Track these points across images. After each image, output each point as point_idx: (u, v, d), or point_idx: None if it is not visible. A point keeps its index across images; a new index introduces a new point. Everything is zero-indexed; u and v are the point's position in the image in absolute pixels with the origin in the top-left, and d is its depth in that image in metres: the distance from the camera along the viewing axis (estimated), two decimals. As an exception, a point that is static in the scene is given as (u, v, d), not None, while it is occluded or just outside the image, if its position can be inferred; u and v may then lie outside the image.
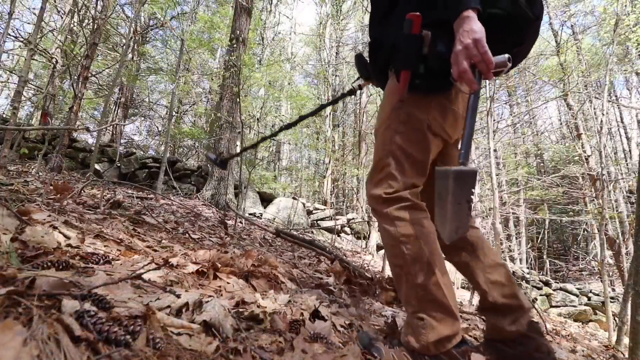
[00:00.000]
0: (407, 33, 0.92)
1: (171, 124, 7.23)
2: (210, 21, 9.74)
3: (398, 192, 0.99)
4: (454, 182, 0.84)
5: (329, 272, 2.20)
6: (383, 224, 1.01)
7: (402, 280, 0.98)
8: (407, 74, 0.94)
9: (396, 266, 0.99)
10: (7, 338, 0.45)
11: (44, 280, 0.67)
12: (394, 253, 0.99)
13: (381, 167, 1.02)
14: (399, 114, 1.01)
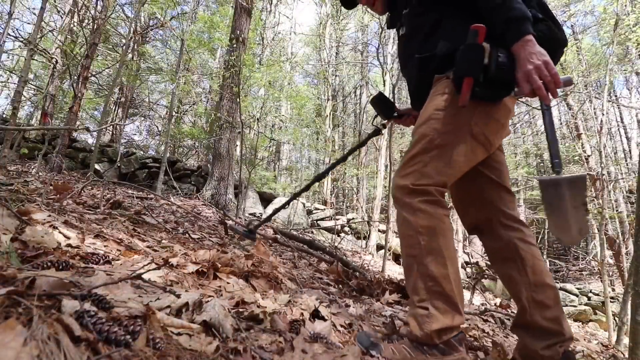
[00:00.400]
0: (473, 43, 0.98)
1: (171, 124, 7.23)
2: (210, 21, 9.73)
3: (425, 186, 1.02)
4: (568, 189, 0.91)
5: (329, 272, 2.20)
6: (404, 213, 1.03)
7: (413, 269, 0.99)
8: (470, 81, 0.98)
9: (409, 256, 1.01)
10: (7, 338, 0.45)
11: (44, 280, 0.67)
12: (410, 243, 1.01)
13: (415, 162, 1.05)
14: (443, 116, 1.05)
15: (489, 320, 2.32)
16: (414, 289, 0.99)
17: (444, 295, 0.95)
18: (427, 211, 1.00)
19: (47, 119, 7.38)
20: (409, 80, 1.29)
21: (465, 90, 0.98)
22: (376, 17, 10.37)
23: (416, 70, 1.18)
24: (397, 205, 1.07)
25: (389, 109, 1.50)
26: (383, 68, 7.90)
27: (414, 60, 1.17)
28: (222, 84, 6.74)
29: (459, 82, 1.00)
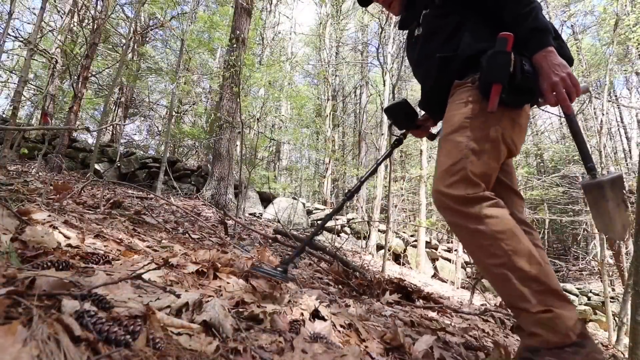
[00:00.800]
0: (502, 50, 1.00)
1: (171, 124, 7.23)
2: (210, 21, 9.73)
3: (480, 192, 1.01)
4: (610, 189, 0.95)
5: (329, 272, 2.20)
6: (471, 225, 0.99)
7: (509, 278, 0.93)
8: (498, 88, 1.00)
9: (496, 266, 0.95)
10: (7, 340, 0.45)
11: (44, 280, 0.67)
12: (492, 252, 0.96)
13: (456, 170, 1.04)
14: (474, 123, 1.06)
15: (489, 320, 2.33)
16: (520, 298, 0.93)
17: (553, 291, 0.92)
18: (494, 215, 0.98)
19: (47, 119, 7.38)
20: (424, 81, 1.30)
21: (494, 96, 1.01)
22: (376, 17, 10.37)
23: (435, 70, 1.19)
24: (455, 218, 1.03)
25: (411, 118, 1.48)
26: (383, 68, 7.90)
27: (434, 60, 1.18)
28: (222, 84, 6.75)
29: (487, 88, 1.03)
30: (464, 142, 1.06)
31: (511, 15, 1.05)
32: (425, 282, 6.11)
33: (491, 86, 1.02)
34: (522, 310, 0.93)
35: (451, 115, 1.13)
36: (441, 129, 1.70)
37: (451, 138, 1.09)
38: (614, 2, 6.56)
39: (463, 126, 1.07)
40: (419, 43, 1.29)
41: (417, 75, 1.36)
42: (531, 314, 0.91)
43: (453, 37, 1.17)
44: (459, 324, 1.79)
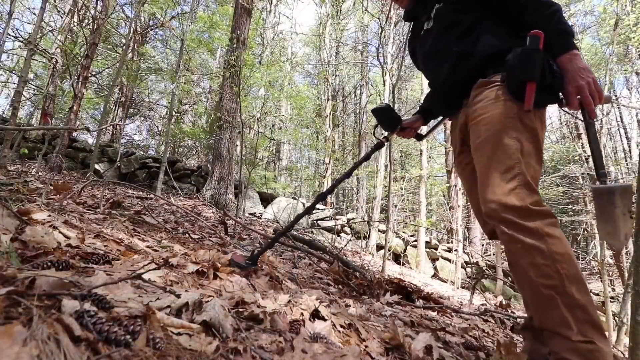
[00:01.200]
0: (535, 48, 0.98)
1: (171, 124, 7.23)
2: (210, 21, 9.74)
3: (543, 206, 0.97)
4: (620, 196, 0.94)
5: (329, 272, 2.20)
6: (529, 240, 0.93)
7: (557, 302, 0.90)
8: (533, 86, 0.98)
9: (546, 287, 0.92)
10: (7, 341, 0.45)
11: (44, 280, 0.67)
12: (546, 273, 0.92)
13: (512, 177, 0.98)
14: (516, 124, 1.02)
15: (489, 320, 2.33)
16: (563, 323, 0.90)
17: (594, 324, 0.90)
18: (556, 235, 0.94)
19: (47, 119, 7.39)
20: (435, 76, 1.26)
21: (530, 94, 0.99)
22: (376, 17, 10.36)
23: (450, 66, 1.15)
24: (513, 230, 0.96)
25: (394, 122, 1.49)
26: (383, 68, 7.90)
27: (448, 55, 1.15)
28: (222, 84, 6.75)
29: (519, 86, 1.00)
30: (513, 145, 1.00)
31: (534, 17, 1.03)
32: (425, 282, 6.11)
33: (524, 84, 0.99)
34: (561, 336, 0.90)
35: (487, 116, 1.05)
36: (431, 129, 1.70)
37: (495, 140, 1.02)
38: (614, 2, 6.56)
39: (507, 126, 1.02)
40: (430, 37, 1.25)
41: (427, 70, 1.32)
42: (570, 342, 0.89)
43: (469, 34, 1.14)
44: (459, 324, 1.79)
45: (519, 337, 2.00)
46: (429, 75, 1.32)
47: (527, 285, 0.96)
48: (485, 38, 1.11)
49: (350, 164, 14.63)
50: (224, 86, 6.42)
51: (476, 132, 1.09)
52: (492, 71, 1.08)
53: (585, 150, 9.88)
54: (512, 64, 1.02)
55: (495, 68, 1.08)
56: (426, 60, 1.31)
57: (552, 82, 1.00)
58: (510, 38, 1.08)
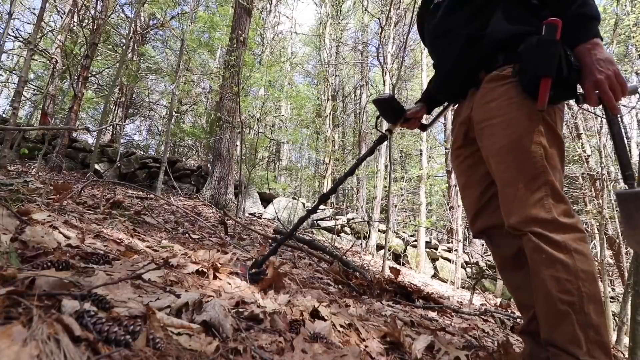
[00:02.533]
0: (552, 39, 0.88)
1: (171, 124, 7.23)
2: (210, 21, 9.74)
3: (573, 216, 0.92)
4: None
5: (329, 272, 2.20)
6: (555, 252, 0.89)
7: (571, 319, 0.87)
8: (548, 82, 0.89)
9: (565, 303, 0.88)
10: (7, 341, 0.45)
11: (44, 280, 0.67)
12: (566, 289, 0.88)
13: (538, 186, 0.92)
14: (538, 127, 0.94)
15: (489, 320, 2.33)
16: (573, 340, 0.87)
17: (604, 346, 0.87)
18: (584, 252, 0.90)
19: (47, 119, 7.39)
20: (441, 60, 1.16)
21: (544, 91, 0.89)
22: (376, 17, 10.36)
23: (457, 50, 1.06)
24: (539, 240, 0.91)
25: (398, 113, 1.40)
26: (383, 68, 7.91)
27: (457, 36, 1.05)
28: (222, 84, 6.75)
29: (533, 82, 0.91)
30: (537, 152, 0.93)
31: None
32: (425, 282, 6.11)
33: (538, 80, 0.90)
34: (568, 354, 0.87)
35: (505, 119, 0.96)
36: (435, 118, 1.56)
37: (518, 147, 0.94)
38: (614, 2, 6.56)
39: (529, 131, 0.94)
40: (437, 13, 1.14)
41: (433, 49, 1.22)
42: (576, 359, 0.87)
43: (480, 12, 1.04)
44: (459, 324, 1.79)
45: (518, 338, 2.00)
46: (434, 55, 1.23)
47: (544, 297, 0.92)
48: (497, 19, 1.00)
49: (351, 164, 14.61)
50: (224, 86, 6.42)
51: (493, 136, 0.99)
52: (503, 59, 0.99)
53: (585, 150, 9.88)
54: (526, 56, 0.93)
55: (507, 55, 0.98)
56: (433, 38, 1.19)
57: (569, 76, 0.90)
58: (527, 20, 0.98)
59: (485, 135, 1.01)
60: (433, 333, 1.35)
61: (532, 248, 0.92)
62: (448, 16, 1.10)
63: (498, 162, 0.98)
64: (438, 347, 1.13)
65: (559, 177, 0.95)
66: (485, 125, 1.01)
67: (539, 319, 0.95)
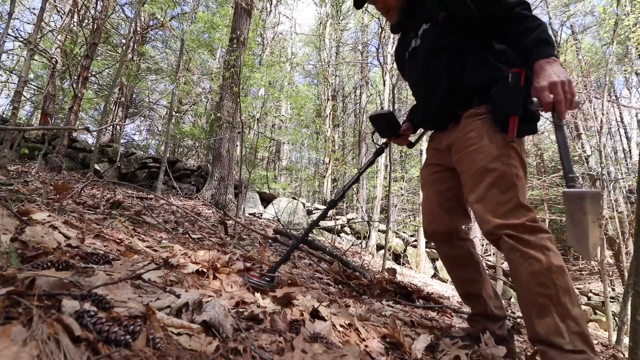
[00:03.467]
0: (517, 84, 1.08)
1: (171, 124, 7.23)
2: (210, 21, 9.74)
3: (538, 222, 1.05)
4: (590, 203, 0.93)
5: (329, 272, 2.20)
6: (530, 251, 1.01)
7: (551, 311, 0.97)
8: (516, 119, 1.08)
9: (543, 295, 0.98)
10: (7, 341, 0.45)
11: (44, 280, 0.67)
12: (542, 282, 0.98)
13: (508, 199, 1.07)
14: (509, 152, 1.11)
15: (489, 320, 2.32)
16: (556, 333, 0.95)
17: (584, 336, 0.94)
18: (554, 250, 1.02)
19: (47, 119, 7.38)
20: (427, 100, 1.31)
21: (513, 126, 1.08)
22: (376, 17, 10.36)
23: (441, 94, 1.23)
24: (515, 242, 1.03)
25: (394, 128, 1.53)
26: (383, 68, 7.91)
27: (440, 81, 1.23)
28: (222, 84, 6.74)
29: (504, 119, 1.09)
30: (508, 171, 1.09)
31: (520, 28, 1.08)
32: (425, 282, 6.11)
33: (508, 117, 1.08)
34: (554, 346, 0.94)
35: (480, 146, 1.14)
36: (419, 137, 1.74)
37: (493, 167, 1.11)
38: (613, 2, 6.56)
39: (502, 154, 1.11)
40: (419, 57, 1.31)
41: (417, 92, 1.38)
42: (563, 352, 0.93)
43: (456, 59, 1.22)
44: (459, 324, 1.79)
45: (518, 338, 2.00)
46: (418, 96, 1.39)
47: (524, 293, 1.03)
48: (471, 67, 1.18)
49: (351, 164, 14.62)
50: (224, 86, 6.42)
51: (470, 161, 1.16)
52: (478, 101, 1.18)
53: (585, 151, 9.88)
54: (497, 98, 1.11)
55: (480, 97, 1.17)
56: (416, 82, 1.37)
57: (532, 115, 1.11)
58: (495, 66, 1.17)
59: (465, 160, 1.18)
60: (432, 332, 1.36)
61: (508, 249, 1.05)
62: (428, 63, 1.27)
63: (475, 182, 1.14)
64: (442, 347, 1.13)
65: (525, 192, 1.11)
66: (464, 153, 1.19)
67: (524, 317, 1.05)
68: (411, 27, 1.38)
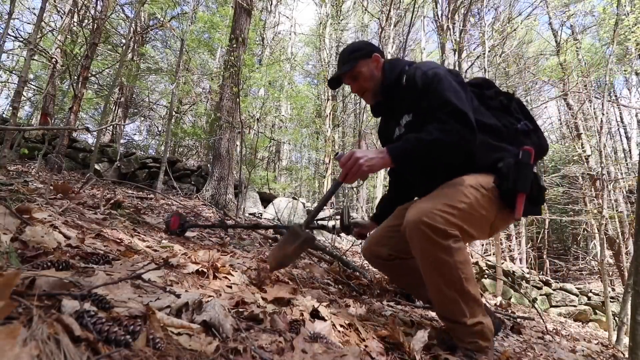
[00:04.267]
0: (528, 162, 1.16)
1: (171, 124, 7.23)
2: (210, 21, 9.73)
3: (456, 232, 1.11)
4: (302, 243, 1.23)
5: (329, 272, 2.20)
6: (441, 255, 1.09)
7: (457, 300, 1.11)
8: (524, 197, 1.14)
9: (450, 290, 1.11)
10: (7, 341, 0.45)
11: (44, 280, 0.67)
12: (450, 280, 1.10)
13: (449, 211, 1.11)
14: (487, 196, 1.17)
15: (489, 320, 2.32)
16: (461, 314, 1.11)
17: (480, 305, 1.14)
18: (459, 248, 1.11)
19: (47, 119, 7.38)
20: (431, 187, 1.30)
21: (521, 204, 1.14)
22: (376, 17, 10.37)
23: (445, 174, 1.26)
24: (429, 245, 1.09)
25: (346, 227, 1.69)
26: (383, 68, 7.90)
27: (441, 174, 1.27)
28: (222, 84, 6.74)
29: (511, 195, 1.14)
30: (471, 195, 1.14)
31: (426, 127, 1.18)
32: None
33: (516, 194, 1.13)
34: (459, 323, 1.11)
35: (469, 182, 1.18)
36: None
37: (459, 185, 1.16)
38: (614, 2, 6.56)
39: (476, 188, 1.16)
40: None
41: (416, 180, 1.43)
42: (467, 327, 1.11)
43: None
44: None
45: (518, 338, 2.00)
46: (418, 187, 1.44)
47: (435, 289, 1.14)
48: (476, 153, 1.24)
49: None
50: (224, 86, 6.41)
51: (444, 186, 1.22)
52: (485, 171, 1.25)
53: (585, 150, 9.87)
54: (505, 172, 1.15)
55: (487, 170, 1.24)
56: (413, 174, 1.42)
57: (538, 196, 1.17)
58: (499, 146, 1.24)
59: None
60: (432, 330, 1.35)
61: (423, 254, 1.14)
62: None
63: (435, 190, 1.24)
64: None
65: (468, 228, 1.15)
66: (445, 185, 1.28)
67: (434, 303, 1.20)
68: (391, 114, 1.42)
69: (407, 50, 12.50)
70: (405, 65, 1.36)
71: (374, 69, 1.39)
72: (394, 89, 1.36)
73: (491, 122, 1.27)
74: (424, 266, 1.14)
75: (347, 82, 1.43)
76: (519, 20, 9.40)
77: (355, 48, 1.41)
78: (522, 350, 1.72)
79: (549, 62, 12.25)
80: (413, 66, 1.32)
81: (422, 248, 1.11)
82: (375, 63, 1.40)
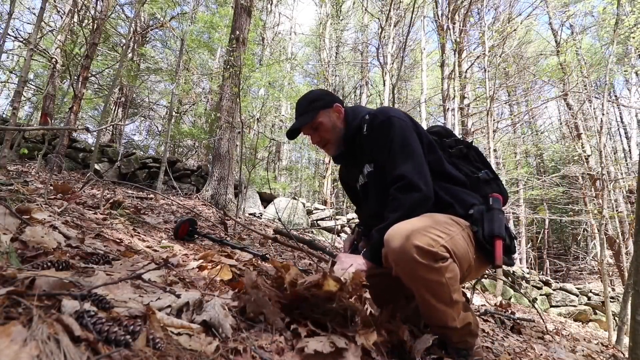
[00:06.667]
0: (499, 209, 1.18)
1: (171, 124, 7.23)
2: (210, 21, 9.73)
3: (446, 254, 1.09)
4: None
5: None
6: (433, 277, 1.06)
7: (447, 311, 1.11)
8: (501, 243, 1.14)
9: (442, 304, 1.10)
10: (7, 341, 0.45)
11: (44, 280, 0.67)
12: (442, 297, 1.09)
13: (436, 235, 1.09)
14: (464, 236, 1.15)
15: (489, 320, 2.32)
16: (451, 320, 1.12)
17: (465, 307, 1.18)
18: (448, 266, 1.08)
19: (47, 119, 7.38)
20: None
21: (500, 251, 1.13)
22: (376, 17, 10.37)
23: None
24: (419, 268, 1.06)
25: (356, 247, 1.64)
26: (383, 68, 7.91)
27: None
28: (222, 84, 6.74)
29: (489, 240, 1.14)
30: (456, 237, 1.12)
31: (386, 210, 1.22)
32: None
33: (493, 240, 1.13)
34: (449, 328, 1.13)
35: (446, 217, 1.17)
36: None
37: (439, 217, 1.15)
38: (614, 2, 6.55)
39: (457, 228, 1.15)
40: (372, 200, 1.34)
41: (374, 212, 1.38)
42: (457, 330, 1.13)
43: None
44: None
45: (518, 338, 2.00)
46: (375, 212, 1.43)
47: (425, 305, 1.12)
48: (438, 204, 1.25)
49: (350, 164, 14.51)
50: (224, 86, 6.41)
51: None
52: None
53: (585, 150, 9.87)
54: (479, 218, 1.16)
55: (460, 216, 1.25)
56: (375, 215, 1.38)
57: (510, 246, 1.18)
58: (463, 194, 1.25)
59: None
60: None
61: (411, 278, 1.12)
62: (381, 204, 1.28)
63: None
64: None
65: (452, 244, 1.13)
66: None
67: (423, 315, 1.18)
68: (353, 162, 1.41)
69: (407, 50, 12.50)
70: (366, 113, 1.35)
71: (336, 120, 1.36)
72: (355, 137, 1.35)
73: (454, 173, 1.28)
74: (413, 287, 1.11)
75: (307, 132, 1.38)
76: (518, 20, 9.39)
77: (315, 97, 1.37)
78: (522, 350, 1.72)
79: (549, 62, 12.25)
80: (372, 113, 1.33)
81: (411, 271, 1.07)
82: (336, 113, 1.37)
